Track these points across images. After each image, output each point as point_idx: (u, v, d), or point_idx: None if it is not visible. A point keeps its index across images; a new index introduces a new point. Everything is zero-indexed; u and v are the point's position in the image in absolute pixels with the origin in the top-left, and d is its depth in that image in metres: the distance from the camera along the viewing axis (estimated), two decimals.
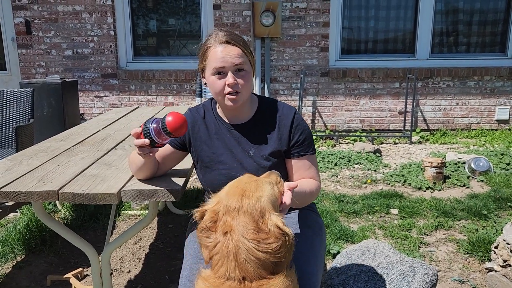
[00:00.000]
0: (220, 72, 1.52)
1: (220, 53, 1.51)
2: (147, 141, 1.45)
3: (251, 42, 5.69)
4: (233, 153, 1.63)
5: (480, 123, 5.93)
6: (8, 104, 3.68)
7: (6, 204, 2.25)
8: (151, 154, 1.53)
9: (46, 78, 5.11)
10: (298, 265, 1.48)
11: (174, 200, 1.62)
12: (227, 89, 1.52)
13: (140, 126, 1.50)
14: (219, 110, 1.68)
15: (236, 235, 1.12)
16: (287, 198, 1.29)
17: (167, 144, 1.67)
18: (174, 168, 1.81)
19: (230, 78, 1.50)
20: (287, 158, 1.65)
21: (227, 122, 1.66)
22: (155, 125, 1.45)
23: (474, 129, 5.91)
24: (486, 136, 5.73)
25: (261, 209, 1.15)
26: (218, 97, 1.57)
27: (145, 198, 1.62)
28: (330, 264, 2.58)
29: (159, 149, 1.65)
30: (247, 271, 1.10)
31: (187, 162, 1.85)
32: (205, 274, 1.18)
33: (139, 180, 1.70)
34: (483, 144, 5.39)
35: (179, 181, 1.70)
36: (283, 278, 1.13)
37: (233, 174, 1.46)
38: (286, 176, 1.68)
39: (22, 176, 1.77)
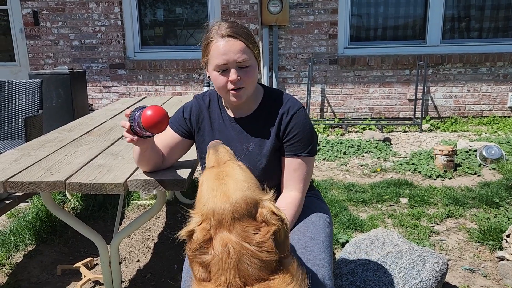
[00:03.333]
0: (223, 69, 1.47)
1: (222, 48, 1.45)
2: (127, 124, 1.40)
3: (258, 30, 5.63)
4: (231, 148, 1.60)
5: (492, 110, 5.83)
6: (17, 95, 3.70)
7: (16, 194, 2.26)
8: (134, 139, 1.44)
9: (55, 69, 5.13)
10: (307, 253, 1.48)
11: (181, 190, 1.61)
12: (230, 86, 1.48)
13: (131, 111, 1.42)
14: (223, 101, 1.65)
15: (238, 243, 1.03)
16: None
17: (174, 133, 1.65)
18: (181, 158, 1.80)
19: (232, 75, 1.46)
20: (282, 155, 1.59)
21: (230, 115, 1.63)
22: (138, 114, 1.38)
23: (486, 116, 5.82)
24: (498, 123, 5.63)
25: (253, 203, 1.07)
26: (221, 92, 1.53)
27: (151, 188, 1.62)
28: (338, 253, 2.57)
29: (165, 138, 1.63)
30: (248, 277, 1.03)
31: (194, 152, 1.84)
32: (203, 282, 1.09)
33: (145, 173, 1.68)
34: (495, 132, 5.30)
35: (186, 170, 1.70)
36: (284, 276, 1.05)
37: None
38: (279, 175, 1.61)
39: (29, 166, 1.78)
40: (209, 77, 1.57)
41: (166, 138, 1.65)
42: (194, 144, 1.73)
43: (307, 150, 1.57)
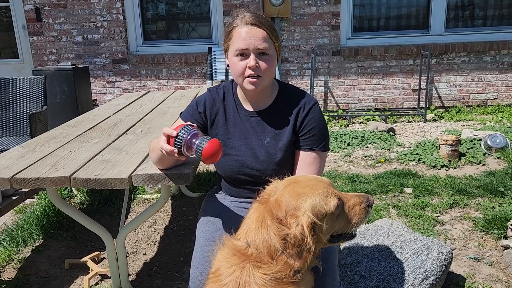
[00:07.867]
0: (243, 54, 1.49)
1: (245, 34, 1.47)
2: (176, 150, 1.35)
3: None
4: (247, 141, 1.61)
5: (496, 98, 5.79)
6: (21, 92, 3.72)
7: (22, 190, 2.29)
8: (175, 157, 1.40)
9: (58, 65, 5.15)
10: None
11: (185, 184, 1.62)
12: (248, 72, 1.49)
13: (174, 129, 1.36)
14: (239, 94, 1.65)
15: (264, 211, 1.19)
16: None
17: None
18: None
19: (252, 61, 1.47)
20: (296, 149, 1.61)
21: (246, 108, 1.63)
22: (193, 140, 1.33)
23: (491, 105, 5.78)
24: (503, 112, 5.60)
25: (293, 208, 1.16)
26: (238, 79, 1.53)
27: (155, 182, 1.63)
28: (343, 244, 2.58)
29: None
30: (257, 250, 1.16)
31: None
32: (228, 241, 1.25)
33: (161, 170, 1.63)
34: (500, 120, 5.27)
35: (189, 164, 1.70)
36: (271, 265, 1.14)
37: (243, 161, 1.42)
38: (292, 169, 1.63)
39: (35, 162, 1.80)
40: (228, 65, 1.57)
41: None
42: None
43: (322, 144, 1.59)
